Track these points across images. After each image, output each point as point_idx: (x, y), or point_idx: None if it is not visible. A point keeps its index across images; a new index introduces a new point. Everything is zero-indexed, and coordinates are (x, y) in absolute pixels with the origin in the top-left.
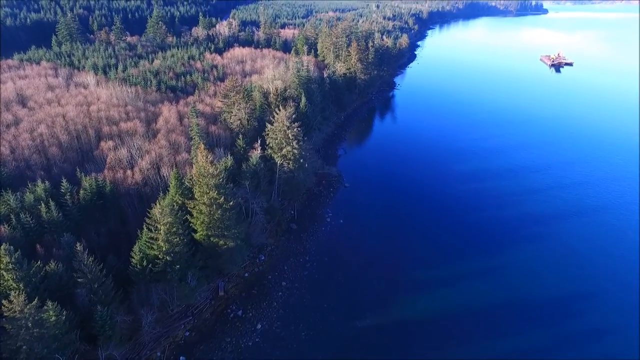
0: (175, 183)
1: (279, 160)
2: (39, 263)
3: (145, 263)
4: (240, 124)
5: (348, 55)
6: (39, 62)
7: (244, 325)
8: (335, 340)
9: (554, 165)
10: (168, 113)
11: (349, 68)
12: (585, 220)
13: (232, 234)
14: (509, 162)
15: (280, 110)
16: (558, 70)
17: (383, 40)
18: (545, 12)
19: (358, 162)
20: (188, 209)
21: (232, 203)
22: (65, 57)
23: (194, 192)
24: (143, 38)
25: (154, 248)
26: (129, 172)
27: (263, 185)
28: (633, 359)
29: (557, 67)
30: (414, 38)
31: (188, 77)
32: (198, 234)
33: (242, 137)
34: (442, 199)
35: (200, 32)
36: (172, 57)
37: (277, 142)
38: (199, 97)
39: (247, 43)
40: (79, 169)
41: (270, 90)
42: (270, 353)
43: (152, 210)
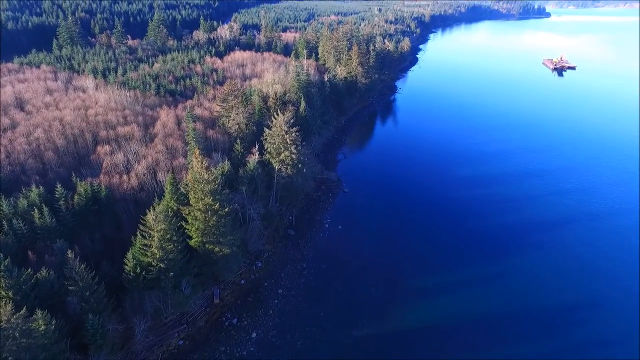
0: (171, 189)
1: (277, 166)
2: (30, 270)
3: (139, 270)
4: (239, 129)
5: (349, 59)
6: (39, 65)
7: (239, 334)
8: (332, 350)
9: (556, 170)
10: (166, 117)
11: (350, 72)
12: (588, 226)
13: (227, 241)
14: (511, 166)
15: (279, 115)
16: (560, 74)
17: (385, 44)
18: (548, 15)
19: (358, 166)
20: (183, 215)
21: (227, 209)
22: (66, 60)
23: (189, 198)
24: (144, 41)
25: (148, 255)
26: (125, 177)
27: (260, 191)
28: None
29: (559, 70)
30: (416, 41)
31: (187, 80)
32: (193, 241)
33: (240, 141)
34: (443, 204)
35: (202, 35)
36: (172, 60)
37: (275, 147)
38: (198, 101)
39: (248, 46)
40: (75, 174)
41: (270, 95)
42: None
43: (146, 217)
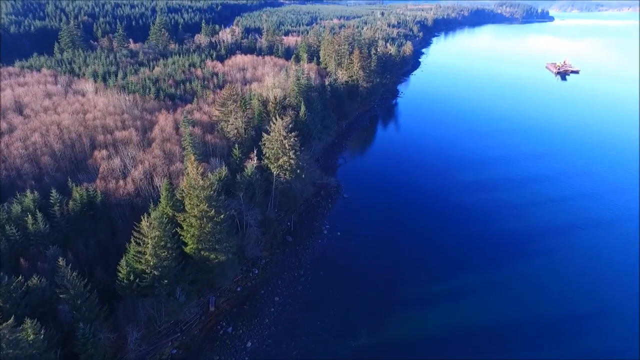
0: (167, 194)
1: (276, 171)
2: (20, 278)
3: (132, 277)
4: (237, 133)
5: (350, 63)
6: (40, 69)
7: (234, 343)
8: None
9: (559, 175)
10: (164, 122)
11: (351, 76)
12: (591, 232)
13: (223, 248)
14: (514, 171)
15: (277, 120)
16: (564, 78)
17: (387, 48)
18: (552, 19)
19: (358, 172)
20: (178, 222)
21: (223, 216)
22: (66, 64)
23: (185, 204)
24: (145, 45)
25: (142, 262)
26: (122, 182)
27: (258, 196)
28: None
29: (563, 74)
30: (419, 45)
31: (188, 84)
32: (188, 247)
33: (238, 146)
34: (444, 210)
35: (203, 39)
36: (173, 64)
37: (273, 152)
38: (198, 105)
39: (249, 50)
40: (71, 179)
41: (269, 99)
42: None
43: (140, 223)
